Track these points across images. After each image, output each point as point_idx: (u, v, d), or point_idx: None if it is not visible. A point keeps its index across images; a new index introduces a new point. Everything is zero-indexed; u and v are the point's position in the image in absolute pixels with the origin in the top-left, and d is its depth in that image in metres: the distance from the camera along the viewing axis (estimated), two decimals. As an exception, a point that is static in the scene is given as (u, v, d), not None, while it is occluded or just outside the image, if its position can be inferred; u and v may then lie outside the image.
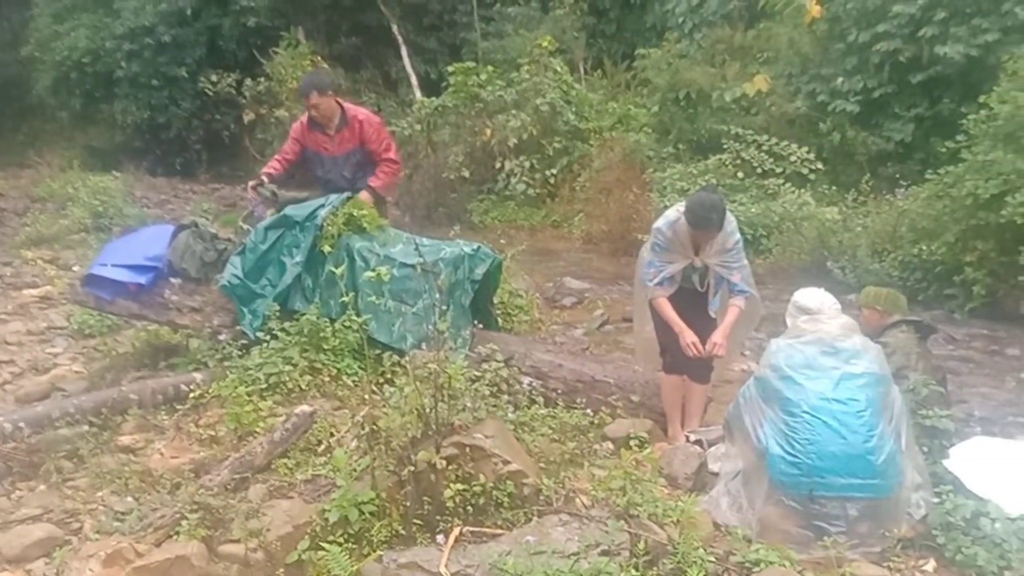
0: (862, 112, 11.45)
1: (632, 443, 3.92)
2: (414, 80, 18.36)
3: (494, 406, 3.80)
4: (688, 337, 4.35)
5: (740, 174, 11.24)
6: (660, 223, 4.51)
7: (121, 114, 20.31)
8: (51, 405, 4.34)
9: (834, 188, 10.96)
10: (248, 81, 17.54)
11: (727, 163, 11.43)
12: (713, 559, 3.11)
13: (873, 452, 3.42)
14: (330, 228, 5.18)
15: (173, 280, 5.09)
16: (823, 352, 3.67)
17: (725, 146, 11.65)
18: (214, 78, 18.02)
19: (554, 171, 13.31)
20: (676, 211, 4.48)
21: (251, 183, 5.72)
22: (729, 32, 14.10)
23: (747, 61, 13.45)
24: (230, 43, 20.39)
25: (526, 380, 4.45)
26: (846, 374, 3.59)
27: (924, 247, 8.47)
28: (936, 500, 3.49)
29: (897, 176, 10.46)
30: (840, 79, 11.62)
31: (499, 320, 5.99)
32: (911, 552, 3.39)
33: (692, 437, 4.42)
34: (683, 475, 4.06)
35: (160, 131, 20.56)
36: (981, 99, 8.48)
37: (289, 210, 5.26)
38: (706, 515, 3.63)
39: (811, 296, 4.00)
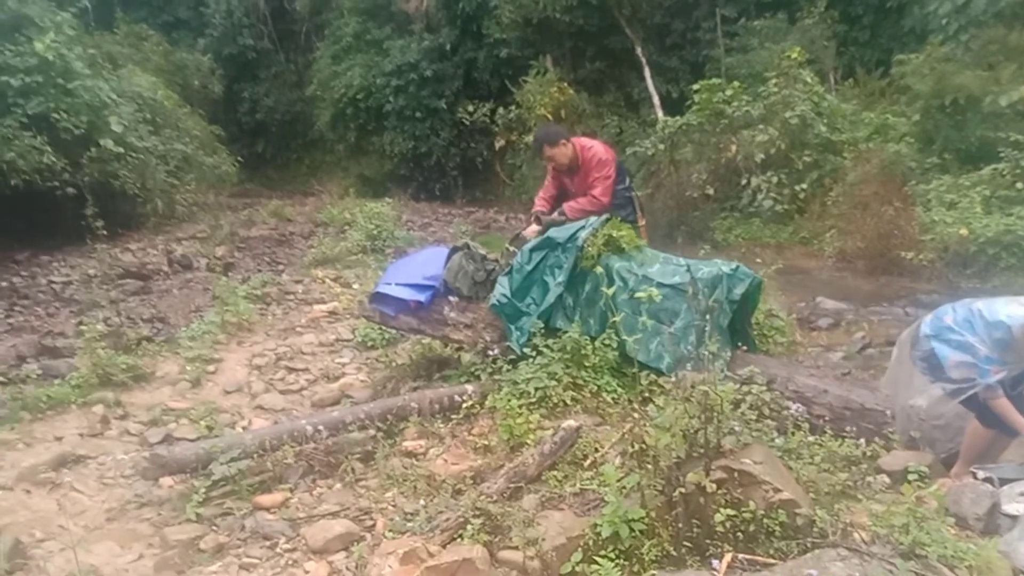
0: None
1: (911, 478, 3.62)
2: (656, 100, 18.34)
3: (759, 431, 3.66)
4: None
5: (1019, 185, 10.10)
6: (1008, 320, 3.95)
7: (389, 145, 22.03)
8: (344, 410, 4.75)
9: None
10: (500, 110, 18.41)
11: (1004, 173, 10.32)
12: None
13: None
14: (590, 249, 5.28)
15: (451, 299, 5.41)
16: None
17: (1001, 154, 10.53)
18: (470, 108, 19.09)
19: (803, 186, 12.71)
20: None
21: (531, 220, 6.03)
22: (1003, 31, 12.77)
23: (1024, 63, 12.11)
24: (484, 74, 21.53)
25: (795, 406, 4.23)
26: None
27: None
28: None
29: None
30: None
31: (756, 342, 5.79)
32: None
33: (981, 474, 3.99)
34: (973, 515, 3.67)
35: (422, 159, 22.07)
36: None
37: (552, 232, 5.42)
38: (1004, 561, 3.26)
39: None
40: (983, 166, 10.79)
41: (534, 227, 5.91)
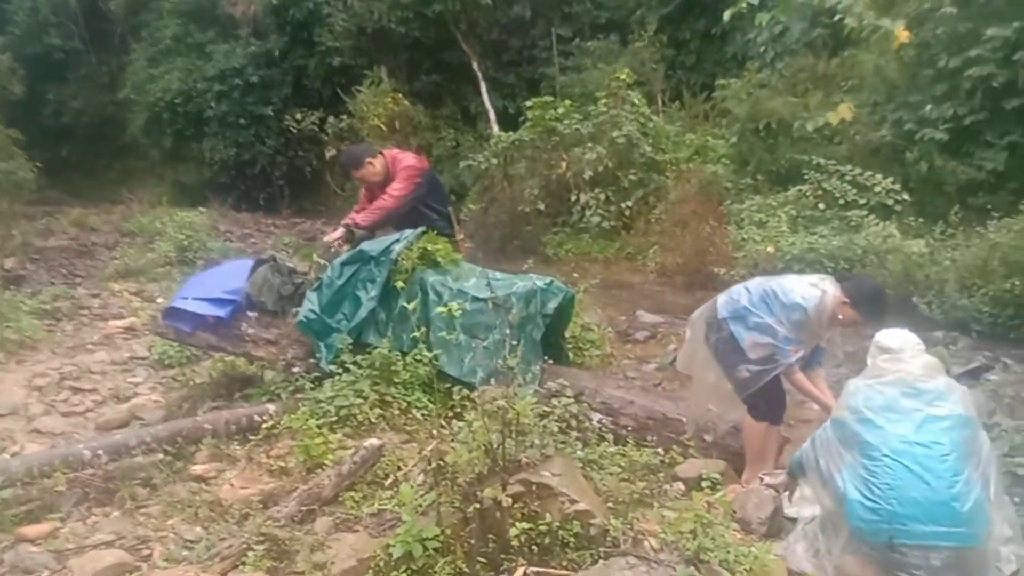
0: (951, 140, 11.06)
1: (704, 485, 3.84)
2: (492, 115, 18.63)
3: (562, 443, 3.76)
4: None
5: (821, 205, 10.98)
6: (804, 302, 4.29)
7: (209, 152, 21.18)
8: (129, 434, 4.50)
9: (920, 220, 10.56)
10: (331, 119, 18.13)
11: (808, 194, 11.20)
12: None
13: (958, 499, 3.25)
14: (404, 263, 5.27)
15: (250, 313, 5.24)
16: (904, 393, 3.53)
17: (806, 176, 11.42)
18: (298, 116, 18.67)
19: (629, 203, 13.26)
20: (819, 290, 4.32)
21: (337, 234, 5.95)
22: (812, 61, 13.90)
23: (830, 90, 13.20)
24: (315, 82, 21.15)
25: (596, 417, 4.39)
26: (929, 416, 3.44)
27: (1017, 282, 8.08)
28: (1029, 554, 3.30)
29: (988, 207, 10.04)
30: (928, 106, 11.27)
31: (570, 355, 5.97)
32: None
33: (767, 480, 4.29)
34: (757, 519, 3.95)
35: (246, 168, 21.36)
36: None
37: (365, 245, 5.38)
38: (781, 563, 3.51)
39: (893, 336, 3.84)
40: (791, 187, 11.66)
41: (338, 231, 5.87)
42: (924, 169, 11.10)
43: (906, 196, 10.82)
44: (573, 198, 13.54)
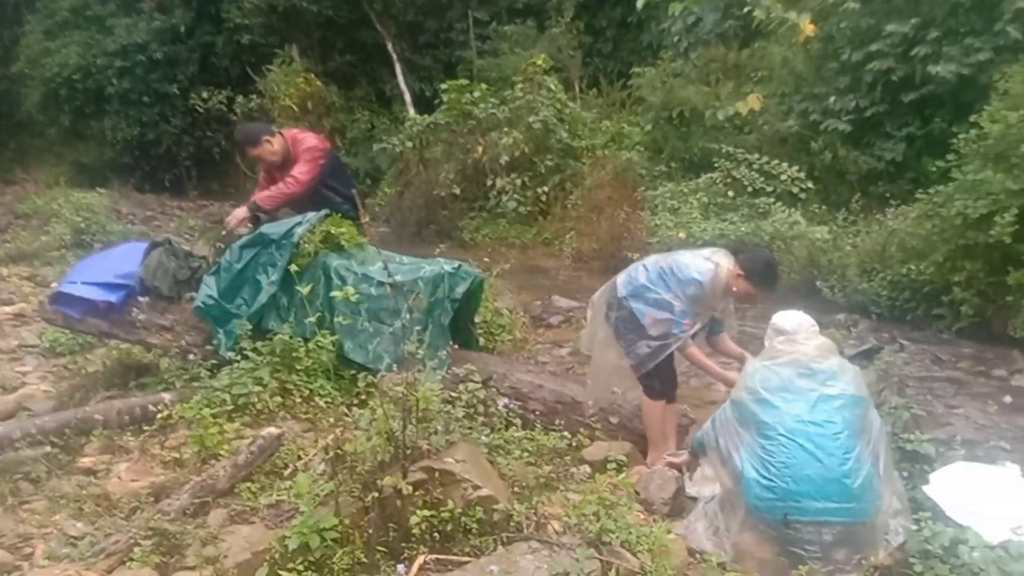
0: (854, 131, 11.45)
1: (610, 467, 3.87)
2: (408, 97, 18.43)
3: (468, 429, 3.74)
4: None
5: (731, 193, 11.24)
6: (699, 276, 4.38)
7: (111, 130, 20.32)
8: (12, 425, 4.28)
9: (824, 207, 10.95)
10: (240, 98, 17.64)
11: (718, 182, 11.44)
12: (689, 589, 3.06)
13: (849, 475, 3.36)
14: (307, 246, 5.14)
15: (141, 298, 5.05)
16: (799, 374, 3.62)
17: (717, 165, 11.67)
18: (205, 95, 18.11)
19: (546, 189, 13.31)
20: (713, 263, 4.41)
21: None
22: (723, 51, 14.16)
23: (741, 80, 13.49)
24: (223, 60, 20.51)
25: (503, 401, 4.38)
26: (823, 396, 3.54)
27: (913, 267, 8.45)
28: (915, 527, 3.42)
29: (887, 195, 10.46)
30: (832, 98, 11.63)
31: (481, 340, 5.94)
32: (888, 580, 3.33)
33: (670, 460, 4.36)
34: (660, 500, 4.01)
35: (150, 147, 20.60)
36: (972, 118, 8.48)
37: (265, 228, 5.23)
38: (681, 542, 3.57)
39: (789, 317, 3.94)
40: (703, 175, 11.89)
41: (240, 211, 5.71)
42: (828, 159, 11.47)
43: (811, 184, 11.16)
44: (489, 183, 13.51)
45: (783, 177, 11.12)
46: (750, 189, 11.14)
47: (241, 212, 5.81)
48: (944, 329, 8.07)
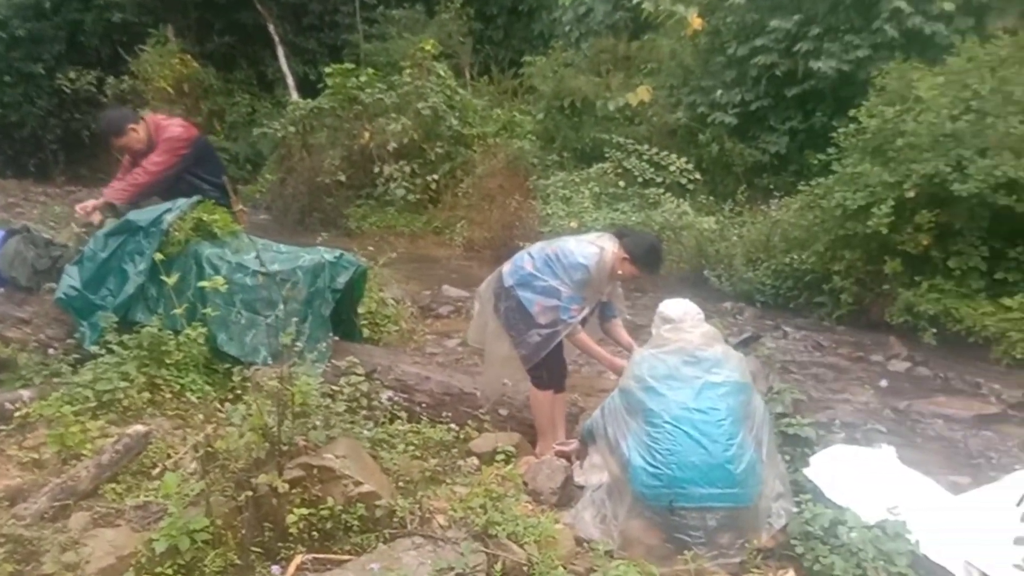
0: (740, 124, 11.84)
1: (498, 458, 3.84)
2: (290, 81, 17.99)
3: (350, 423, 3.64)
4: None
5: (622, 183, 11.43)
6: (585, 260, 4.41)
7: (-32, 112, 19.11)
8: None
9: (712, 198, 11.29)
10: (111, 79, 16.84)
11: (609, 172, 11.63)
12: (573, 578, 3.06)
13: (732, 461, 3.44)
14: (177, 234, 4.90)
15: None
16: (685, 362, 3.69)
17: (608, 155, 11.84)
18: (72, 75, 17.22)
19: (436, 177, 13.25)
20: (597, 248, 4.44)
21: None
22: (614, 42, 14.40)
23: (631, 72, 13.75)
24: (92, 39, 19.54)
25: (387, 394, 4.30)
26: (707, 383, 3.62)
27: (795, 256, 8.80)
28: (796, 509, 3.54)
29: (771, 187, 10.86)
30: (719, 91, 11.99)
31: (365, 331, 5.83)
32: (771, 562, 3.42)
33: (559, 449, 4.38)
34: (548, 490, 4.00)
35: (12, 130, 19.49)
36: (851, 113, 8.88)
37: (132, 215, 4.95)
38: (568, 531, 3.57)
39: (675, 306, 4.02)
40: (594, 165, 12.06)
41: (92, 202, 5.39)
42: (715, 151, 11.83)
43: (699, 176, 11.48)
44: (377, 170, 13.35)
45: (672, 168, 11.39)
46: (640, 179, 11.36)
47: (92, 203, 5.45)
48: (825, 316, 8.46)
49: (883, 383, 5.92)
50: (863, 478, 3.70)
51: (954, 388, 6.54)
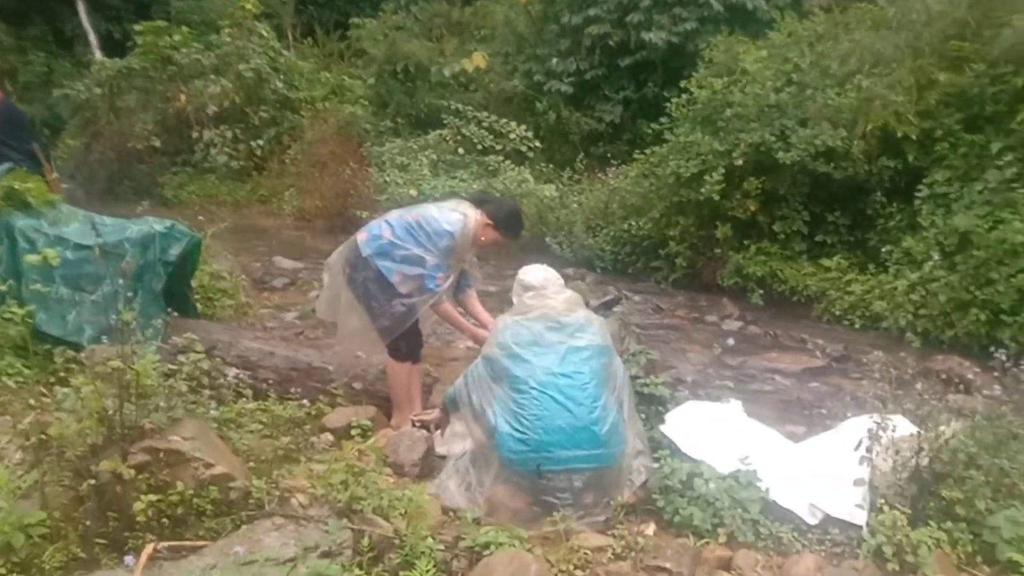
0: (575, 93, 12.12)
1: (354, 433, 3.78)
2: (92, 38, 16.78)
3: (193, 403, 3.47)
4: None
5: (461, 150, 11.44)
6: (450, 227, 4.37)
7: None
8: None
9: (551, 166, 11.51)
10: None
11: (447, 139, 11.59)
12: (442, 547, 3.06)
13: (597, 423, 3.54)
14: (-16, 205, 4.48)
15: None
16: (549, 327, 3.75)
17: (445, 121, 11.80)
18: None
19: (261, 143, 12.83)
20: (461, 214, 4.42)
21: None
22: (447, 7, 14.36)
23: (465, 37, 13.79)
24: None
25: (232, 372, 4.12)
26: (571, 348, 3.69)
27: (633, 223, 9.16)
28: (655, 465, 3.69)
29: (608, 155, 11.22)
30: (554, 60, 12.20)
31: (199, 306, 5.56)
32: (633, 517, 3.56)
33: (420, 419, 4.36)
34: (410, 462, 3.98)
35: None
36: (682, 84, 9.28)
37: (-71, 183, 4.48)
38: (435, 502, 3.57)
39: (535, 272, 4.06)
40: (431, 131, 11.98)
41: None
42: (553, 119, 12.06)
43: (538, 143, 11.65)
44: (195, 135, 12.72)
45: (512, 136, 11.50)
46: (480, 147, 11.41)
47: None
48: (662, 280, 8.89)
49: (730, 341, 6.30)
50: (715, 432, 3.91)
51: (783, 344, 7.05)
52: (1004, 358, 3.74)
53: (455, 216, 4.43)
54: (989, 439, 3.46)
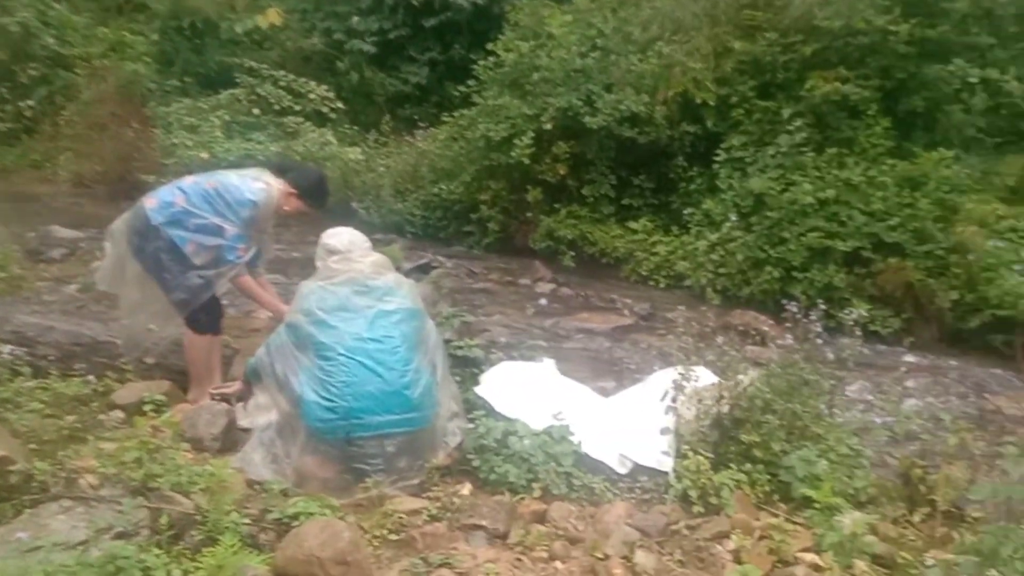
0: (379, 53, 11.99)
1: (147, 408, 3.62)
2: None
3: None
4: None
5: (256, 110, 11.05)
6: (253, 196, 4.23)
7: None
8: None
9: (355, 128, 11.34)
10: None
11: (241, 99, 11.15)
12: (248, 520, 3.01)
13: (409, 387, 3.58)
14: None
15: None
16: (356, 292, 3.74)
17: (239, 80, 11.33)
18: None
19: (31, 103, 11.85)
20: (264, 183, 4.29)
21: None
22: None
23: (256, -9, 13.23)
24: None
25: (7, 348, 3.85)
26: (380, 312, 3.70)
27: (444, 187, 9.23)
28: (470, 426, 3.78)
29: (415, 118, 11.19)
30: (356, 18, 12.01)
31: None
32: (449, 479, 3.64)
33: (220, 392, 4.23)
34: (210, 436, 3.86)
35: None
36: (489, 46, 9.37)
37: None
38: (238, 476, 3.49)
39: (340, 236, 4.02)
40: (223, 91, 11.47)
41: None
42: (355, 79, 11.89)
43: (340, 105, 11.42)
44: (-47, 95, 11.55)
45: (312, 96, 11.21)
46: (277, 107, 11.06)
47: None
48: (474, 245, 9.06)
49: (542, 302, 6.49)
50: (529, 391, 4.05)
51: (594, 305, 7.36)
52: (795, 310, 4.08)
53: (258, 185, 4.30)
54: (783, 386, 3.76)
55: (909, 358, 6.32)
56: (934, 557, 2.98)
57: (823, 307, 4.07)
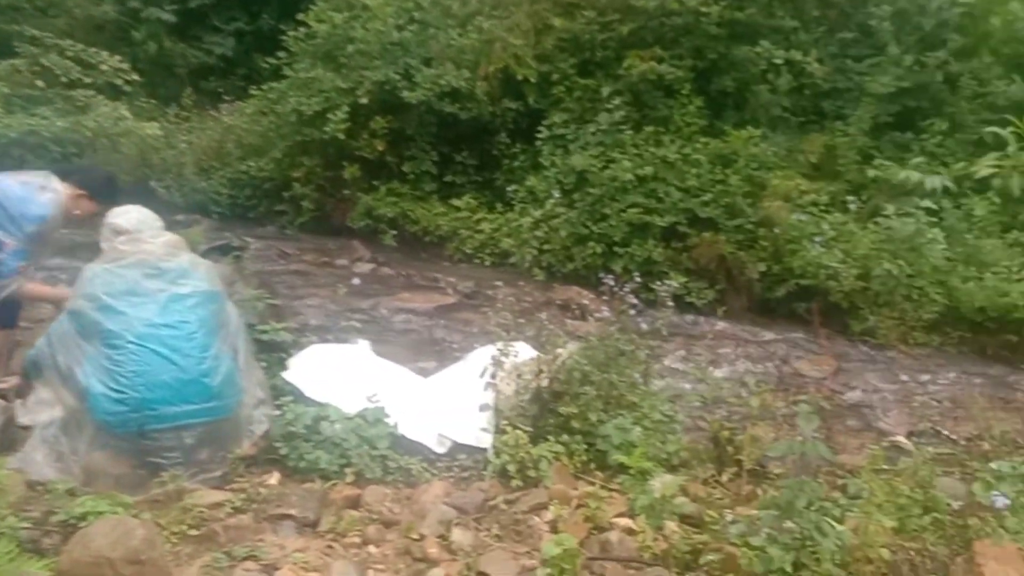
0: (180, 23, 11.46)
1: None
2: None
3: None
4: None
5: (40, 83, 10.22)
6: (42, 211, 3.98)
7: None
8: None
9: (153, 102, 10.77)
10: None
11: (23, 70, 10.30)
12: (29, 524, 2.84)
13: (208, 374, 3.44)
14: None
15: None
16: (146, 275, 3.55)
17: (20, 50, 10.48)
18: None
19: None
20: (51, 192, 4.02)
21: None
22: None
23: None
24: None
25: None
26: (174, 295, 3.53)
27: (252, 164, 8.93)
28: (277, 413, 3.67)
29: (221, 91, 10.77)
30: (152, -15, 11.40)
31: None
32: (255, 469, 3.54)
33: (-3, 387, 3.92)
34: (-16, 436, 3.58)
35: None
36: (299, 17, 9.11)
37: None
38: (18, 476, 3.26)
39: (128, 215, 3.80)
40: (3, 61, 10.59)
41: None
42: (153, 50, 11.32)
43: (136, 77, 10.78)
44: None
45: (104, 67, 10.48)
46: (64, 80, 10.27)
47: None
48: (288, 224, 8.83)
49: (355, 282, 6.38)
50: (341, 374, 4.00)
51: (416, 284, 7.34)
52: (612, 283, 4.20)
53: (46, 197, 4.04)
54: (601, 357, 3.89)
55: (721, 327, 6.66)
56: (739, 513, 3.14)
57: (639, 280, 4.23)
